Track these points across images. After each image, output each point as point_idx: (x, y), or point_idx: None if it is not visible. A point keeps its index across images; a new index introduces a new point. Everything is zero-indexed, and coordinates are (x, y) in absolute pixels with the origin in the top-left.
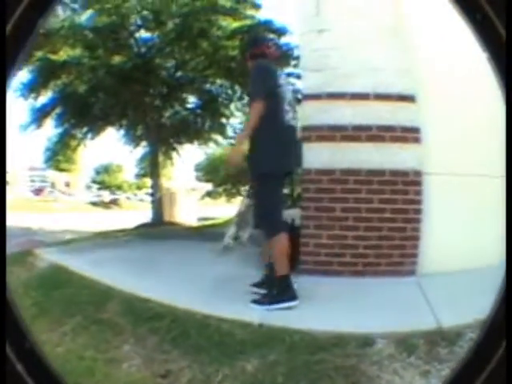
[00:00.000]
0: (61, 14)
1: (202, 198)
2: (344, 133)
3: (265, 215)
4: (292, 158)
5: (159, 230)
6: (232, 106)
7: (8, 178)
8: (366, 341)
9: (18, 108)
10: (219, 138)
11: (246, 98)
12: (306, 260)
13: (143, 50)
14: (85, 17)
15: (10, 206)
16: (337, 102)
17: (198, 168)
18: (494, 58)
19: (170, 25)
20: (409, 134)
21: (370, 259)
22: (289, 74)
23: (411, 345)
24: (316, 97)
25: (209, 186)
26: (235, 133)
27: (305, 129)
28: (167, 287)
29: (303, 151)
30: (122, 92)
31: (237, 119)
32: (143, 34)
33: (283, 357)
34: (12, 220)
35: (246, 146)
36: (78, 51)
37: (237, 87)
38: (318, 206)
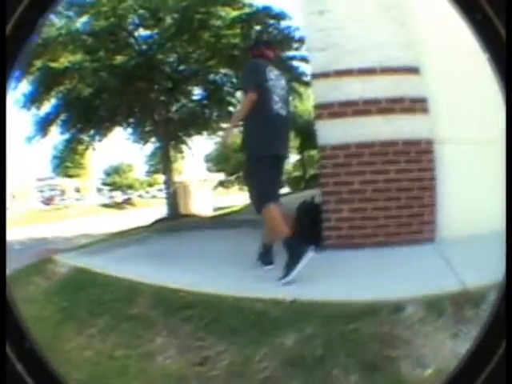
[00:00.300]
0: (56, 22)
1: (215, 188)
2: (355, 108)
3: (254, 192)
4: (279, 143)
5: (177, 223)
6: (238, 94)
7: (16, 191)
8: (397, 307)
9: (21, 120)
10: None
11: None
12: (329, 235)
13: (144, 47)
14: (81, 23)
15: (21, 219)
16: (345, 79)
17: (208, 159)
18: (493, 57)
19: (169, 20)
20: (417, 105)
21: (391, 229)
22: (292, 57)
23: (439, 308)
24: (324, 75)
25: (221, 176)
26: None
27: (317, 107)
28: (194, 276)
29: (317, 128)
30: (127, 91)
31: None
32: (142, 32)
33: (319, 329)
34: (25, 233)
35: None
36: (78, 56)
37: (241, 75)
38: (336, 180)
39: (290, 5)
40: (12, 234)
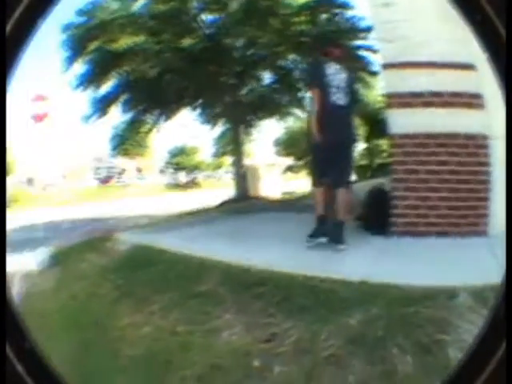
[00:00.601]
0: (109, 5)
1: (284, 172)
2: (422, 99)
3: (333, 171)
4: (338, 131)
5: (245, 204)
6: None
7: (69, 171)
8: (451, 294)
9: (77, 100)
10: (298, 111)
11: None
12: (396, 222)
13: (210, 31)
14: (138, 6)
15: (75, 198)
16: (412, 71)
17: (277, 143)
18: (494, 58)
19: (234, 5)
20: (474, 100)
21: (451, 220)
22: (359, 47)
23: (485, 297)
24: (393, 66)
25: (290, 161)
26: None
27: (388, 96)
28: (265, 255)
29: (388, 117)
30: (196, 73)
31: None
32: (206, 16)
33: (383, 311)
34: (78, 212)
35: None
36: (142, 37)
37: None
38: (404, 168)
39: None
40: (62, 213)
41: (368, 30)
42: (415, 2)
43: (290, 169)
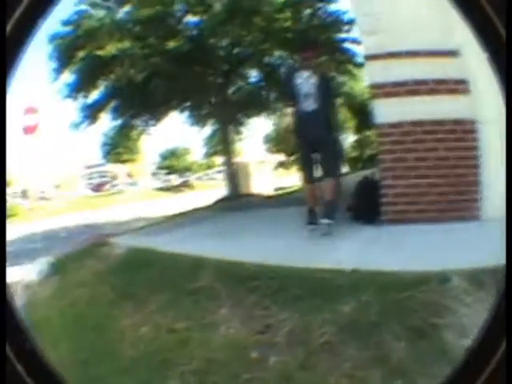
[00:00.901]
0: (94, 13)
1: (276, 168)
2: (406, 88)
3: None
4: (309, 133)
5: (238, 202)
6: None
7: (61, 180)
8: (444, 277)
9: (67, 110)
10: (286, 107)
11: None
12: (386, 210)
13: (195, 32)
14: (123, 12)
15: (69, 207)
16: (395, 61)
17: (267, 140)
18: (493, 58)
19: (217, 6)
20: (459, 86)
21: (441, 205)
22: (343, 40)
23: (480, 281)
24: (376, 57)
25: (281, 157)
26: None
27: (372, 87)
28: (259, 250)
29: (373, 108)
30: (182, 75)
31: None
32: (191, 18)
33: (375, 297)
34: (73, 221)
35: None
36: (127, 43)
37: (296, 56)
38: (392, 157)
39: None
40: (57, 222)
41: (351, 22)
42: None
43: (281, 165)
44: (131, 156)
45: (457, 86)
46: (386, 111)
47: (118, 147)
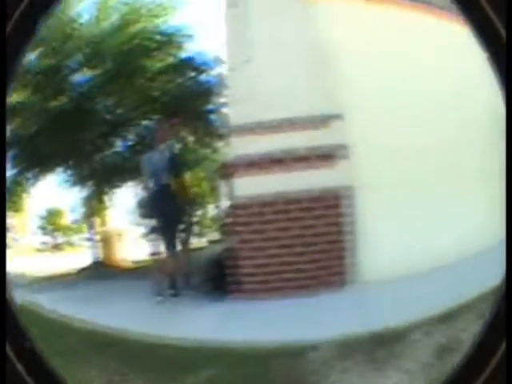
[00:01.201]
0: None
1: (143, 237)
2: (272, 159)
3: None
4: (160, 211)
5: (100, 271)
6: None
7: None
8: (310, 348)
9: None
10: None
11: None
12: (245, 282)
13: (78, 92)
14: (30, 60)
15: None
16: (264, 131)
17: (135, 208)
18: (494, 58)
19: (101, 69)
20: (336, 152)
21: (310, 273)
22: (210, 111)
23: (352, 349)
24: (243, 127)
25: (149, 224)
26: None
27: (235, 159)
28: (116, 319)
29: (234, 180)
30: (64, 134)
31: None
32: (85, 72)
33: (229, 370)
34: None
35: None
36: (26, 94)
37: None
38: (251, 229)
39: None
40: None
41: (220, 92)
42: (279, 56)
43: (145, 235)
44: (16, 210)
45: (333, 153)
46: (247, 183)
47: (11, 198)
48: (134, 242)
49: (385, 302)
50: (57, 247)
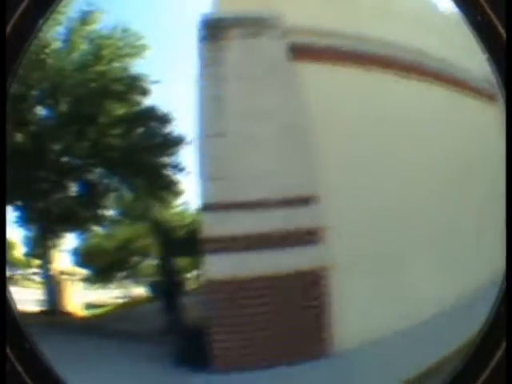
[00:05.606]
0: None
1: (84, 281)
2: (246, 241)
3: None
4: None
5: (49, 320)
6: (111, 196)
7: None
8: None
9: None
10: (96, 227)
11: (124, 190)
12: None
13: (35, 128)
14: None
15: None
16: (238, 210)
17: (76, 253)
18: (494, 58)
19: (64, 105)
20: (312, 234)
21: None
22: (167, 165)
23: None
24: (215, 206)
25: (87, 271)
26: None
27: (206, 240)
28: None
29: (206, 261)
30: (15, 172)
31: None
32: (41, 109)
33: None
34: None
35: None
36: None
37: (115, 179)
38: (223, 313)
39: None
40: None
41: (180, 144)
42: (255, 131)
43: (87, 280)
44: None
45: (309, 235)
46: (218, 266)
47: None
48: (77, 285)
49: (364, 369)
50: (12, 279)
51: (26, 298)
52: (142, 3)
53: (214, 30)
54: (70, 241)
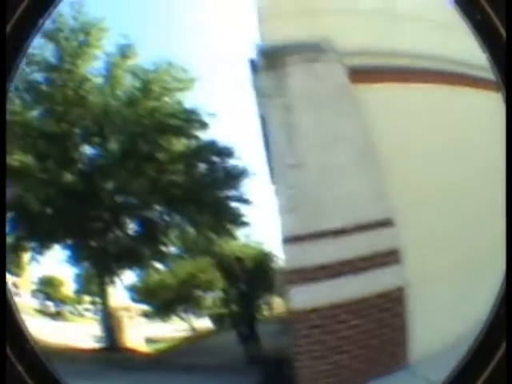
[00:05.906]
0: (12, 100)
1: (143, 317)
2: (328, 270)
3: None
4: None
5: (115, 356)
6: (172, 234)
7: None
8: None
9: None
10: (158, 264)
11: (186, 227)
12: None
13: (87, 167)
14: (35, 113)
15: None
16: (317, 241)
17: (136, 289)
18: (494, 57)
19: (114, 142)
20: (389, 258)
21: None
22: (232, 198)
23: None
24: (296, 238)
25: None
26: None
27: (290, 272)
28: None
29: (291, 292)
30: (67, 212)
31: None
32: (87, 148)
33: None
34: None
35: None
36: (29, 159)
37: (177, 215)
38: (310, 341)
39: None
40: None
41: (244, 177)
42: (328, 160)
43: (145, 315)
44: (17, 270)
45: (386, 258)
46: (304, 296)
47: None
48: (135, 320)
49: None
50: (59, 314)
51: (78, 333)
52: (179, 34)
53: (271, 59)
54: (127, 278)
